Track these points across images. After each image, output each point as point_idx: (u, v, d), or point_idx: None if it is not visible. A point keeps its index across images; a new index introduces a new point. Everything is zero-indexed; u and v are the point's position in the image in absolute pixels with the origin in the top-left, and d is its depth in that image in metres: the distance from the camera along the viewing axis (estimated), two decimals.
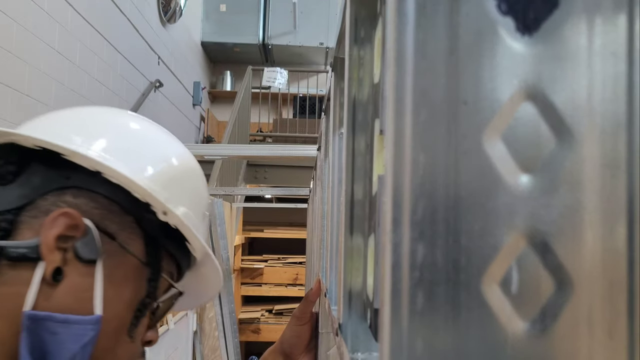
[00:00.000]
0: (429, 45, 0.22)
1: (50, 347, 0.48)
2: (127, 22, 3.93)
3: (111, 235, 0.52)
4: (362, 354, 0.37)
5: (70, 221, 0.49)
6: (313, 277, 1.22)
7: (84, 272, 0.50)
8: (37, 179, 0.51)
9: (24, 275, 0.48)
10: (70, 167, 0.51)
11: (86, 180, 0.52)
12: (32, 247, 0.48)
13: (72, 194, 0.51)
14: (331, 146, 0.65)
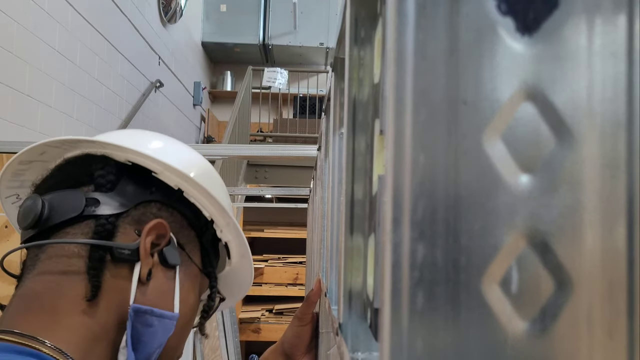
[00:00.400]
0: (429, 45, 0.22)
1: (145, 337, 0.56)
2: (128, 22, 3.93)
3: (182, 246, 0.62)
4: (362, 353, 0.37)
5: (161, 231, 0.58)
6: (313, 277, 1.22)
7: (167, 275, 0.59)
8: (130, 190, 0.59)
9: (123, 273, 0.56)
10: (155, 184, 0.60)
11: (166, 196, 0.61)
12: (133, 250, 0.56)
13: (157, 207, 0.60)
14: (331, 146, 0.65)
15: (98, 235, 0.56)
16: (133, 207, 0.58)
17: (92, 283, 0.54)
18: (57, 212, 0.57)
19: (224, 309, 0.79)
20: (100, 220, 0.56)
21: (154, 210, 0.60)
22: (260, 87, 5.52)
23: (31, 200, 0.58)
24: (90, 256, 0.55)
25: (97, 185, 0.58)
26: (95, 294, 0.54)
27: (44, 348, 0.50)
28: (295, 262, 4.75)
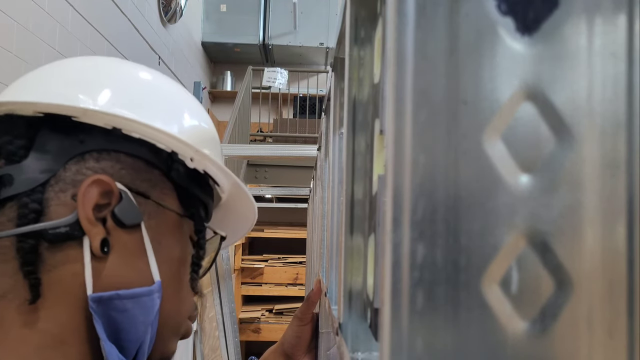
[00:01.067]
0: (429, 45, 0.22)
1: (123, 325, 0.46)
2: (128, 22, 3.93)
3: (144, 194, 0.48)
4: (362, 353, 0.37)
5: (103, 188, 0.45)
6: (313, 277, 1.22)
7: (130, 239, 0.47)
8: (51, 149, 0.45)
9: (71, 255, 0.44)
10: (83, 129, 0.46)
11: (104, 141, 0.47)
12: (72, 223, 0.44)
13: (93, 158, 0.46)
14: (331, 146, 0.65)
15: (24, 220, 0.43)
16: (61, 168, 0.45)
17: (30, 281, 0.43)
18: None
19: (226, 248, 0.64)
20: (21, 200, 0.43)
21: (90, 164, 0.46)
22: (260, 87, 5.52)
23: None
24: (18, 249, 0.43)
25: (5, 156, 0.45)
26: (36, 294, 0.43)
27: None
28: (295, 262, 4.74)
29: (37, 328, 0.43)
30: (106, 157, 0.47)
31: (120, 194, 0.46)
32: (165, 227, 0.50)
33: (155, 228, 0.49)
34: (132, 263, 0.47)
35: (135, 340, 0.47)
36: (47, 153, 0.45)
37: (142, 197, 0.48)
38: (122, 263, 0.46)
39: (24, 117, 0.46)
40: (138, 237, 0.47)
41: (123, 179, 0.47)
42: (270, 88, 5.51)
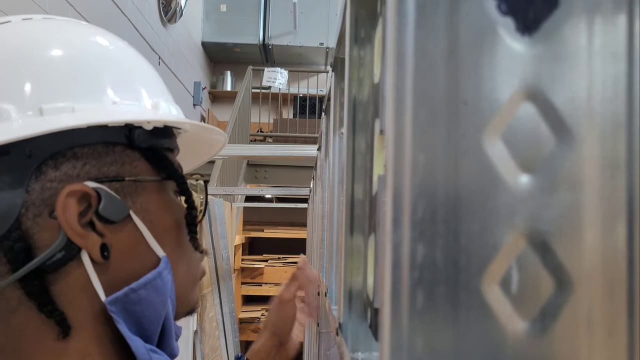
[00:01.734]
0: (429, 45, 0.22)
1: (143, 313, 0.45)
2: (128, 22, 3.93)
3: (117, 177, 0.45)
4: (362, 353, 0.37)
5: (77, 196, 0.42)
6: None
7: (125, 232, 0.45)
8: (3, 178, 0.41)
9: (74, 274, 0.43)
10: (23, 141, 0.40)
11: (51, 144, 0.42)
12: (65, 245, 0.42)
13: (50, 167, 0.42)
14: (331, 146, 0.65)
15: (17, 264, 0.41)
16: (25, 194, 0.41)
17: (56, 319, 0.42)
18: None
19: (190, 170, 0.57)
20: (2, 244, 0.41)
21: (51, 175, 0.42)
22: (260, 87, 5.52)
23: None
24: (28, 293, 0.41)
25: None
26: (67, 328, 0.42)
27: None
28: (295, 262, 4.74)
29: (65, 351, 0.43)
30: (63, 159, 0.43)
31: (97, 192, 0.43)
32: (150, 201, 0.47)
33: (142, 207, 0.46)
34: (134, 253, 0.46)
35: (157, 321, 0.47)
36: (1, 184, 0.41)
37: (117, 181, 0.45)
38: (125, 257, 0.45)
39: None
40: (131, 226, 0.45)
41: (90, 174, 0.43)
42: (270, 88, 5.51)
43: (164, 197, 0.49)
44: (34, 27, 0.47)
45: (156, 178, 0.48)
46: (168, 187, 0.49)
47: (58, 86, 0.43)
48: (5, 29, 0.46)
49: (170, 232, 0.49)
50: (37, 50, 0.45)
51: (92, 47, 0.48)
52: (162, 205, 0.48)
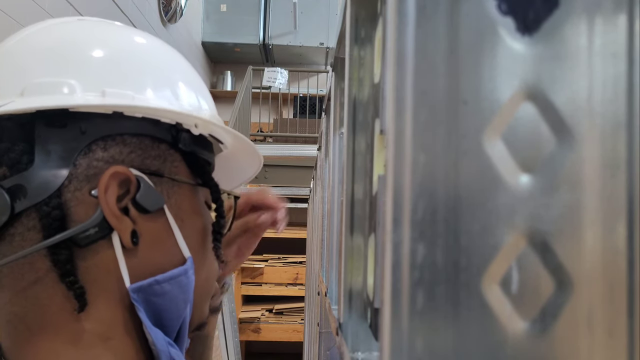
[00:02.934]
0: (429, 45, 0.22)
1: (165, 307, 0.46)
2: (128, 22, 3.93)
3: (158, 172, 0.47)
4: (363, 353, 0.37)
5: (120, 178, 0.43)
6: (313, 277, 1.22)
7: (156, 223, 0.46)
8: (55, 148, 0.42)
9: (103, 254, 0.44)
10: (80, 118, 0.43)
11: (106, 126, 0.44)
12: (99, 222, 0.43)
13: (100, 147, 0.44)
14: (331, 146, 0.65)
15: (49, 230, 0.42)
16: (72, 167, 0.42)
17: (75, 292, 0.42)
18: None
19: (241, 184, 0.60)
20: (40, 209, 0.41)
21: (99, 154, 0.44)
22: (260, 87, 5.52)
23: None
24: (53, 261, 0.42)
25: (9, 165, 0.42)
26: (84, 302, 0.43)
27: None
28: (295, 262, 4.74)
29: (84, 331, 0.43)
30: (112, 143, 0.44)
31: (138, 180, 0.44)
32: (184, 202, 0.49)
33: (176, 205, 0.48)
34: (162, 246, 0.47)
35: (177, 318, 0.47)
36: (52, 153, 0.42)
37: (156, 176, 0.46)
38: (152, 248, 0.46)
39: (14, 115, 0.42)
40: (163, 220, 0.47)
41: (134, 162, 0.45)
42: (271, 88, 5.51)
43: (197, 201, 0.50)
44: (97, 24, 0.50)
45: (192, 182, 0.50)
46: (201, 194, 0.51)
47: (122, 75, 0.46)
48: (71, 25, 0.49)
49: (198, 235, 0.50)
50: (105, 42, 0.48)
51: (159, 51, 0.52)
52: (193, 208, 0.50)
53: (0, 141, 0.42)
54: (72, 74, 0.44)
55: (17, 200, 0.41)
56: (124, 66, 0.47)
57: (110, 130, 0.44)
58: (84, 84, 0.44)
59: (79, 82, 0.44)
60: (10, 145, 0.42)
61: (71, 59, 0.45)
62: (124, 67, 0.47)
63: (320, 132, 0.97)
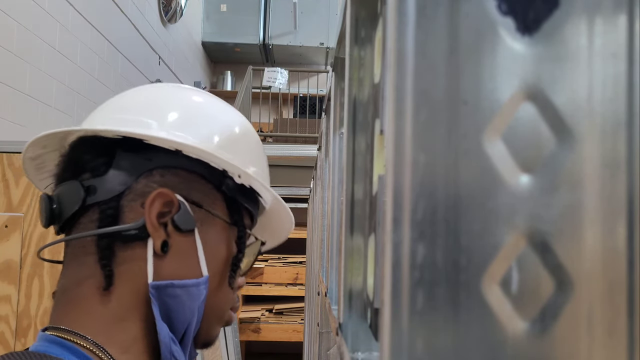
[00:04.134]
0: (429, 45, 0.22)
1: (174, 308, 0.56)
2: (128, 22, 3.93)
3: (198, 204, 0.59)
4: (363, 353, 0.37)
5: (165, 199, 0.56)
6: (313, 277, 1.22)
7: (185, 241, 0.58)
8: (126, 166, 0.56)
9: (137, 253, 0.56)
10: (151, 149, 0.57)
11: (167, 159, 0.58)
12: (140, 227, 0.55)
13: (159, 173, 0.57)
14: (331, 146, 0.65)
15: (103, 223, 0.55)
16: (134, 182, 0.56)
17: (105, 273, 0.54)
18: (65, 206, 0.57)
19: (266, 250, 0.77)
20: (102, 206, 0.55)
21: (156, 179, 0.57)
22: (261, 87, 5.52)
23: (41, 200, 0.58)
24: (98, 246, 0.55)
25: (91, 170, 0.56)
26: (109, 283, 0.54)
27: (66, 334, 0.53)
28: (295, 262, 4.74)
29: (107, 307, 0.55)
30: (168, 173, 0.58)
31: (179, 204, 0.57)
32: (213, 232, 0.60)
33: (206, 232, 0.59)
34: (185, 260, 0.57)
35: (183, 321, 0.57)
36: (123, 169, 0.56)
37: (196, 206, 0.58)
38: (177, 260, 0.57)
39: (105, 138, 0.57)
40: (191, 239, 0.58)
41: (182, 191, 0.58)
42: (271, 88, 5.51)
43: (225, 235, 0.61)
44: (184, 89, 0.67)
45: (226, 219, 0.61)
46: (232, 232, 0.62)
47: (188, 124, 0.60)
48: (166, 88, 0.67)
49: (219, 262, 0.61)
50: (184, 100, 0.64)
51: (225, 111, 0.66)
52: (221, 239, 0.61)
53: (90, 151, 0.57)
54: (154, 117, 0.59)
55: (89, 196, 0.56)
56: (192, 118, 0.61)
57: (169, 163, 0.58)
58: (160, 126, 0.59)
59: (158, 124, 0.59)
60: (96, 156, 0.57)
61: (157, 107, 0.61)
62: (192, 119, 0.61)
63: (320, 132, 0.97)
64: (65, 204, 0.57)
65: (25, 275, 1.05)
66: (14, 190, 1.08)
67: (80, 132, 0.59)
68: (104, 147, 0.57)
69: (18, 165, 1.09)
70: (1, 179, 1.08)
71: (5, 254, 1.06)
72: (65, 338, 0.53)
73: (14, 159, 1.08)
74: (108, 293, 0.55)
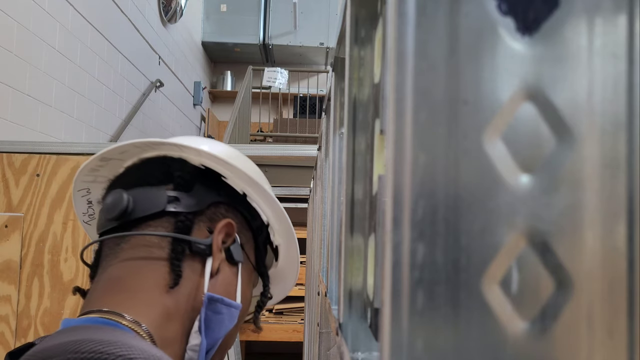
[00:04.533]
0: (429, 45, 0.22)
1: (213, 324, 0.63)
2: (128, 22, 3.93)
3: (242, 245, 0.68)
4: (363, 353, 0.37)
5: (230, 230, 0.66)
6: (313, 277, 1.22)
7: (231, 270, 0.67)
8: (203, 191, 0.67)
9: (197, 266, 0.64)
10: (224, 187, 0.68)
11: (234, 199, 0.69)
12: (207, 245, 0.64)
13: (224, 207, 0.68)
14: (332, 146, 0.65)
15: (178, 230, 0.63)
16: (206, 207, 0.66)
17: (175, 272, 0.61)
18: (140, 207, 0.64)
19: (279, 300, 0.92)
20: (180, 216, 0.64)
21: (222, 211, 0.67)
22: (261, 87, 5.51)
23: (117, 194, 0.65)
24: (173, 248, 0.62)
25: (176, 185, 0.66)
26: (177, 282, 0.61)
27: (123, 320, 0.56)
28: None
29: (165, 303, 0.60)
30: (231, 210, 0.69)
31: (235, 238, 0.67)
32: (246, 273, 0.70)
33: (243, 270, 0.68)
34: (227, 287, 0.66)
35: (214, 338, 0.63)
36: (200, 193, 0.66)
37: (240, 246, 0.68)
38: (221, 284, 0.65)
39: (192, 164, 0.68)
40: (235, 271, 0.67)
41: (236, 229, 0.67)
42: (271, 88, 5.51)
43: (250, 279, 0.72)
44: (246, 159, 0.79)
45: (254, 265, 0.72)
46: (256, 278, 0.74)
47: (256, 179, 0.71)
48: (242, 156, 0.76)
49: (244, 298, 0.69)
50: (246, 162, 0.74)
51: None
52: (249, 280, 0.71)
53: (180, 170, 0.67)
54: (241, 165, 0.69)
55: (169, 204, 0.64)
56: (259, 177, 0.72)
57: (234, 203, 0.69)
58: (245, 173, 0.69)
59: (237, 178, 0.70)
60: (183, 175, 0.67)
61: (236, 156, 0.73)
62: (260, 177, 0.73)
63: (320, 132, 0.97)
64: (141, 205, 0.64)
65: (25, 275, 1.05)
66: (14, 190, 1.08)
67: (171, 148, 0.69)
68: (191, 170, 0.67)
69: (18, 165, 1.09)
70: (1, 179, 1.08)
71: (5, 254, 1.06)
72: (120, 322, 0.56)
73: (13, 159, 1.08)
74: (171, 291, 0.61)
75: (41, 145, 1.08)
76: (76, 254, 1.00)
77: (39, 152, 1.07)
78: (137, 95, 4.14)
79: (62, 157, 1.07)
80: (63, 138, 2.95)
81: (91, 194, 0.75)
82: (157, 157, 0.69)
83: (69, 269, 1.00)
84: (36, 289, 1.06)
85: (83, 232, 1.01)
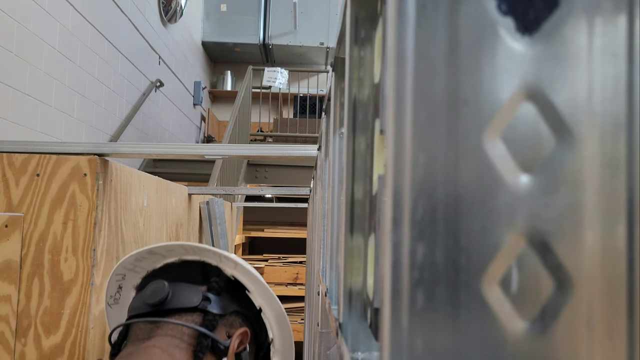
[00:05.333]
0: (429, 45, 0.22)
1: None
2: (128, 22, 3.93)
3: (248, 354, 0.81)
4: (362, 353, 0.37)
5: (244, 338, 0.80)
6: (313, 277, 1.22)
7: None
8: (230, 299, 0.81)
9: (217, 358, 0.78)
10: (245, 299, 0.83)
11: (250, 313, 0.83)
12: (227, 347, 0.77)
13: (241, 318, 0.82)
14: (331, 146, 0.65)
15: (206, 327, 0.76)
16: (229, 313, 0.80)
17: None
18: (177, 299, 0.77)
19: None
20: (209, 315, 0.78)
21: (240, 320, 0.82)
22: (261, 87, 5.51)
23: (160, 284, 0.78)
24: (199, 342, 0.75)
25: (210, 288, 0.81)
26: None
27: None
28: (295, 262, 4.74)
29: None
30: (246, 321, 0.83)
31: (245, 347, 0.79)
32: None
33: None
34: None
35: None
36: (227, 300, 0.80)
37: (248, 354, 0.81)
38: None
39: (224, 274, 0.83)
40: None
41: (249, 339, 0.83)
42: (271, 88, 5.51)
43: None
44: None
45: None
46: None
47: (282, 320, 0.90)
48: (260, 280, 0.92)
49: None
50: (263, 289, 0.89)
51: None
52: None
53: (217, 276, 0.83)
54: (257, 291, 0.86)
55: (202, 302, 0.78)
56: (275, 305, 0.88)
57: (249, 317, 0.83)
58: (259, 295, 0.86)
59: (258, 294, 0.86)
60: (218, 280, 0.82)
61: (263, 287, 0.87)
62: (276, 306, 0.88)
63: (320, 132, 0.97)
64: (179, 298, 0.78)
65: (25, 275, 1.06)
66: (14, 190, 1.08)
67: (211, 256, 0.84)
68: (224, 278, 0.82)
69: (18, 165, 1.09)
70: (1, 179, 1.08)
71: (5, 254, 1.06)
72: None
73: (14, 159, 1.08)
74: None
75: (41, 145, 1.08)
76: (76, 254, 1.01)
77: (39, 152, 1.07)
78: (137, 95, 4.14)
79: (62, 157, 1.07)
80: (63, 138, 2.95)
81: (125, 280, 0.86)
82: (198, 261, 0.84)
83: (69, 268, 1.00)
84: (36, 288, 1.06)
85: (83, 232, 1.01)
